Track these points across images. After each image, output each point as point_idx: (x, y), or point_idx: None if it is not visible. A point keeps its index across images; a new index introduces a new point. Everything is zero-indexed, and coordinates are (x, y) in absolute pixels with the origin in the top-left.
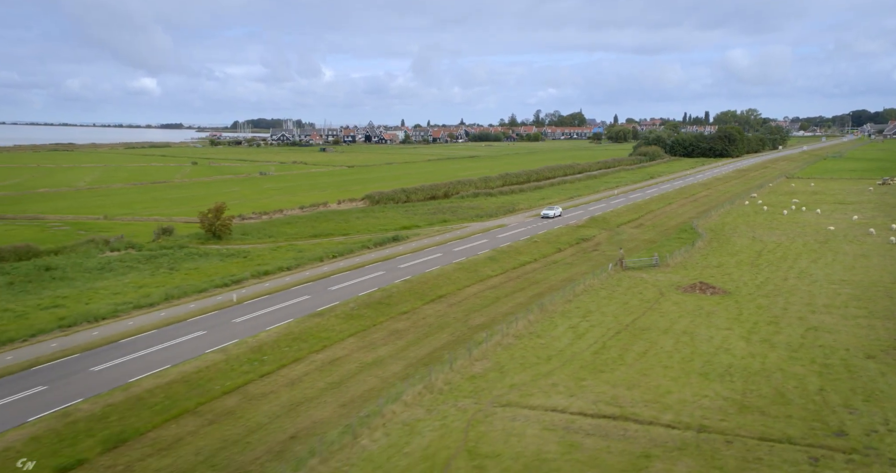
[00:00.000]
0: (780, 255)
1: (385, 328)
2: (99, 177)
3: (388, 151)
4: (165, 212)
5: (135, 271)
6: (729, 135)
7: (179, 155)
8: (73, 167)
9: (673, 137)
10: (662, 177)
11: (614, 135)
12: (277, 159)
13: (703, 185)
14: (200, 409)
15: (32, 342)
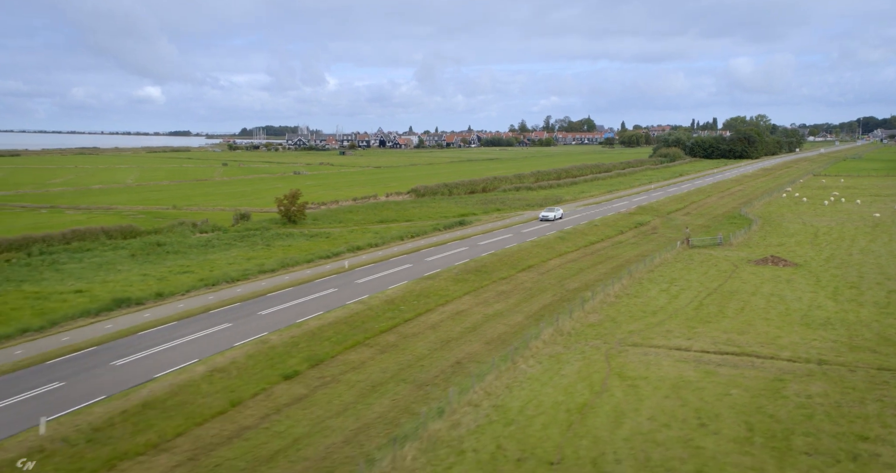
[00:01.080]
0: (835, 236)
1: (491, 289)
2: (141, 176)
3: (405, 154)
4: (224, 203)
5: (234, 247)
6: (748, 137)
7: (205, 158)
8: (110, 168)
9: (692, 139)
10: (689, 175)
11: (627, 140)
12: (302, 161)
13: (733, 181)
14: (368, 342)
15: (190, 296)
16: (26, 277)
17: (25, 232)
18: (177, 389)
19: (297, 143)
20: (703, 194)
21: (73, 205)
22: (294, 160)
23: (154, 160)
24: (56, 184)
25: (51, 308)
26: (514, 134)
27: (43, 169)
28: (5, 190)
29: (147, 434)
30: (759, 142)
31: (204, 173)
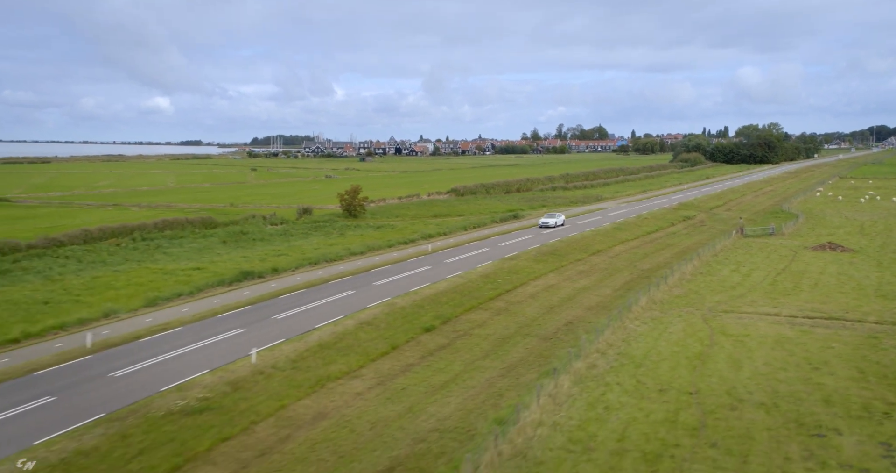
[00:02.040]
0: (882, 228)
1: (571, 269)
2: (178, 179)
3: (424, 161)
4: (274, 202)
5: (311, 236)
6: (769, 142)
7: (229, 164)
8: (144, 173)
9: (712, 145)
10: (715, 178)
11: (641, 147)
12: (327, 167)
13: (763, 182)
14: (482, 306)
15: (299, 272)
16: (142, 258)
17: (103, 223)
18: (340, 336)
19: (315, 150)
20: (738, 193)
21: (133, 203)
22: (317, 166)
23: (183, 166)
24: (104, 186)
25: (184, 280)
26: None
27: (81, 173)
28: (61, 191)
29: (336, 365)
30: (779, 147)
31: (236, 177)
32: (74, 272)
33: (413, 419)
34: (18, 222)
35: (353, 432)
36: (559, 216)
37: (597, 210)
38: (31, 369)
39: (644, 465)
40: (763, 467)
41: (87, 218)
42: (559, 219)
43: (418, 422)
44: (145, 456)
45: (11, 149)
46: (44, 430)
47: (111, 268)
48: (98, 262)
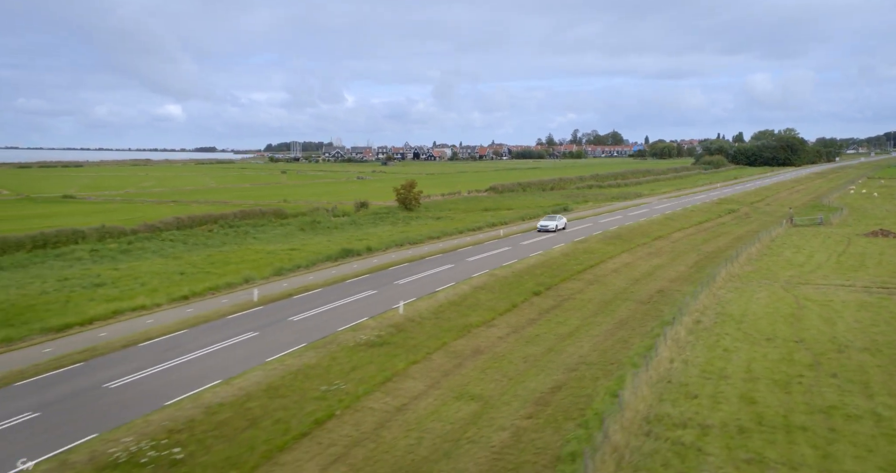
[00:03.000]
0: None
1: (640, 250)
2: (216, 181)
3: (444, 165)
4: (322, 198)
5: (378, 225)
6: (791, 145)
7: (255, 167)
8: (179, 176)
9: (735, 147)
10: (743, 178)
11: (658, 151)
12: (354, 170)
13: (793, 182)
14: (574, 278)
15: (389, 252)
16: (236, 241)
17: (159, 218)
18: (462, 296)
19: (334, 155)
20: (771, 191)
21: (190, 200)
22: (342, 170)
23: (212, 170)
24: (150, 186)
25: (289, 258)
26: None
27: (119, 176)
28: (114, 190)
29: (472, 317)
30: (801, 150)
31: (269, 179)
32: (186, 252)
33: (557, 355)
34: (97, 215)
35: (510, 362)
36: (560, 219)
37: (641, 204)
38: (225, 313)
39: (777, 388)
40: (885, 389)
41: (154, 212)
42: (560, 222)
43: (562, 358)
44: (358, 371)
45: (30, 155)
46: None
47: (215, 249)
48: (200, 244)
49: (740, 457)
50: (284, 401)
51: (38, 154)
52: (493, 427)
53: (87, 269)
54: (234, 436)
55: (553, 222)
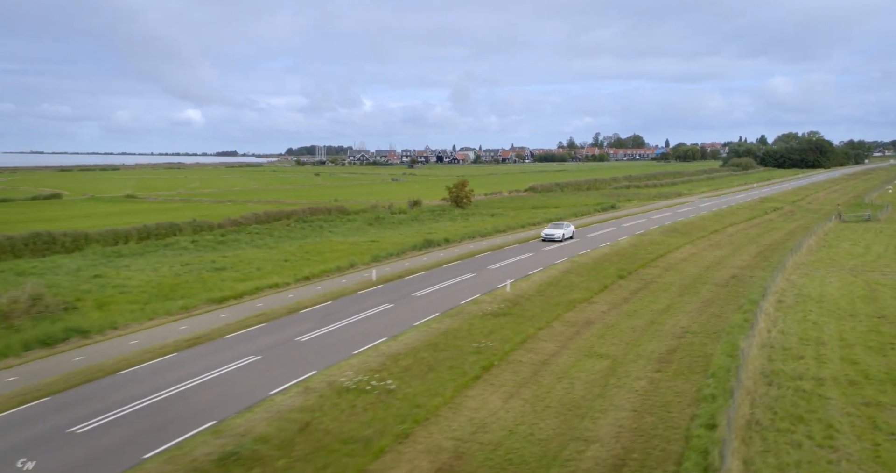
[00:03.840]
0: None
1: (701, 243)
2: (256, 182)
3: (470, 168)
4: (371, 198)
5: (439, 221)
6: (820, 147)
7: (288, 171)
8: (218, 178)
9: (763, 149)
10: (776, 180)
11: (682, 154)
12: (385, 172)
13: (828, 182)
14: (649, 265)
15: (464, 243)
16: (316, 234)
17: (228, 215)
18: (555, 278)
19: (359, 158)
20: (808, 191)
21: (243, 200)
22: (372, 172)
23: (245, 172)
24: (197, 187)
25: (376, 248)
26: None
27: (161, 178)
28: (165, 190)
29: (572, 294)
30: (831, 153)
31: (306, 181)
32: (276, 243)
33: (660, 326)
34: (167, 213)
35: (621, 331)
36: (567, 227)
37: (686, 203)
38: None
39: (873, 352)
40: None
41: (216, 211)
42: (568, 230)
43: (666, 328)
44: (496, 334)
45: (56, 160)
46: (410, 320)
47: (301, 241)
48: (284, 236)
49: (858, 401)
50: (447, 354)
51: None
52: (629, 378)
53: (199, 256)
54: (422, 376)
55: (559, 230)
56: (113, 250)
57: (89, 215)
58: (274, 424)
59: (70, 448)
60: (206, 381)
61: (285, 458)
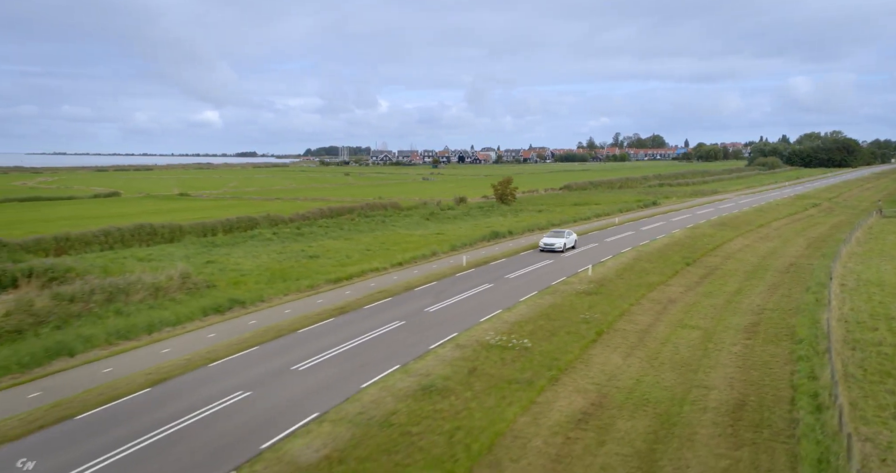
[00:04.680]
0: None
1: (750, 236)
2: (292, 182)
3: (494, 167)
4: (412, 196)
5: (490, 216)
6: (847, 146)
7: (315, 171)
8: (252, 178)
9: (789, 149)
10: (805, 178)
11: (704, 154)
12: (413, 172)
13: (859, 180)
14: (709, 254)
15: (525, 236)
16: (382, 228)
17: (296, 210)
18: (627, 265)
19: (382, 159)
20: (841, 189)
21: (290, 197)
22: (400, 172)
23: (274, 172)
24: (238, 186)
25: (446, 239)
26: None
27: (196, 178)
28: (210, 189)
29: (648, 278)
30: (858, 152)
31: (338, 180)
32: (350, 235)
33: (737, 305)
34: (223, 209)
35: (703, 308)
36: (569, 235)
37: (724, 200)
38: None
39: None
40: None
41: (266, 208)
42: (570, 239)
43: (743, 306)
44: (595, 308)
45: (79, 160)
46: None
47: (370, 233)
48: (354, 229)
49: None
50: (560, 322)
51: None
52: (725, 344)
53: (285, 246)
54: (548, 338)
55: (559, 239)
56: (207, 241)
57: (153, 211)
58: (447, 368)
59: (299, 381)
60: (372, 338)
61: (469, 391)
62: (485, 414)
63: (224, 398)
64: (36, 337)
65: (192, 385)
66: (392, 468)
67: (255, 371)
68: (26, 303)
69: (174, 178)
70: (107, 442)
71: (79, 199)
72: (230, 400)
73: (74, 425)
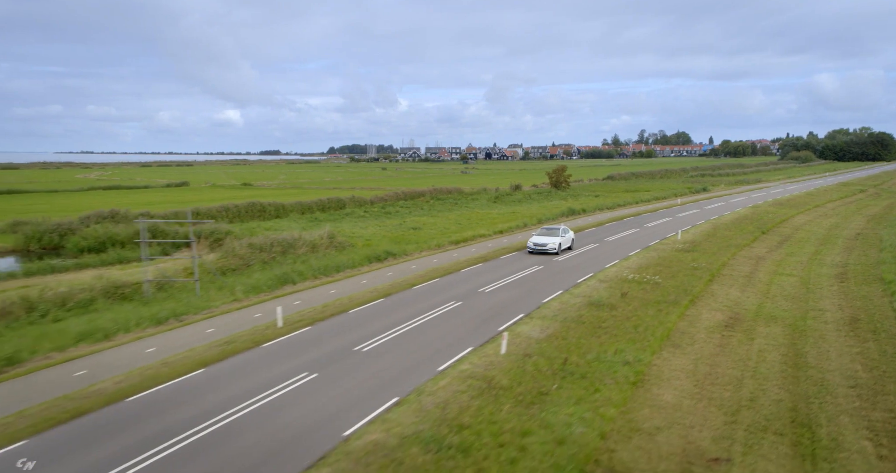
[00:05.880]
0: None
1: (811, 213)
2: (334, 175)
3: (523, 163)
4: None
5: (552, 200)
6: (881, 140)
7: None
8: (294, 171)
9: (822, 143)
10: (840, 171)
11: (732, 150)
12: (447, 168)
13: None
14: (779, 225)
15: (597, 213)
16: (456, 209)
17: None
18: (709, 232)
19: (411, 155)
20: (881, 179)
21: (348, 187)
22: (435, 167)
23: (312, 168)
24: (289, 179)
25: (524, 216)
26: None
27: (243, 173)
28: (267, 181)
29: (732, 241)
30: (892, 145)
31: (377, 174)
32: (435, 213)
33: (819, 262)
34: (291, 196)
35: (790, 264)
36: (565, 233)
37: (770, 187)
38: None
39: None
40: None
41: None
42: (566, 237)
43: (827, 261)
44: (699, 260)
45: (106, 159)
46: (621, 254)
47: (450, 213)
48: (433, 209)
49: None
50: (675, 269)
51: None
52: (822, 285)
53: (383, 222)
54: (672, 277)
55: (553, 238)
56: (310, 217)
57: (228, 197)
58: (603, 292)
59: (489, 298)
60: (524, 276)
61: (629, 306)
62: (652, 318)
63: (441, 306)
64: (260, 272)
65: (414, 298)
66: (599, 343)
67: (456, 291)
68: (231, 251)
69: (221, 172)
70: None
71: (153, 188)
72: (446, 308)
73: (347, 318)
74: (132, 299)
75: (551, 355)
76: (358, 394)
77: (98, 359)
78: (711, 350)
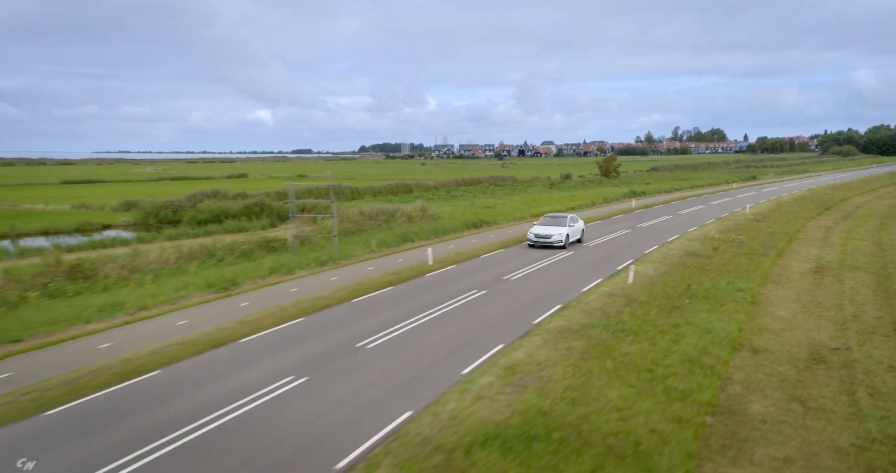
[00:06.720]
0: None
1: (865, 196)
2: (378, 169)
3: (556, 160)
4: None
5: (605, 187)
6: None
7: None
8: (336, 166)
9: (865, 137)
10: (887, 163)
11: (769, 147)
12: (484, 164)
13: None
14: (839, 204)
15: (657, 195)
16: (517, 192)
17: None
18: (775, 208)
19: (445, 153)
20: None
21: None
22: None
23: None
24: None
25: (584, 198)
26: (642, 144)
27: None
28: (317, 174)
29: (798, 215)
30: None
31: (418, 169)
32: (498, 197)
33: (889, 230)
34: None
35: (858, 232)
36: (573, 222)
37: (819, 175)
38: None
39: None
40: None
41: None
42: (574, 228)
43: (892, 232)
44: (772, 227)
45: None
46: (695, 223)
47: (512, 196)
48: (495, 194)
49: None
50: (753, 232)
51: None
52: (894, 247)
53: (455, 203)
54: (753, 238)
55: (560, 228)
56: (383, 199)
57: None
58: (698, 246)
59: (592, 252)
60: (617, 236)
61: (724, 257)
62: (748, 265)
63: (556, 255)
64: (378, 233)
65: (497, 262)
66: (710, 278)
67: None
68: (347, 217)
69: (266, 167)
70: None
71: (215, 178)
72: (561, 255)
73: (481, 261)
74: (280, 252)
75: (672, 284)
76: (527, 301)
77: (298, 283)
78: (808, 287)
